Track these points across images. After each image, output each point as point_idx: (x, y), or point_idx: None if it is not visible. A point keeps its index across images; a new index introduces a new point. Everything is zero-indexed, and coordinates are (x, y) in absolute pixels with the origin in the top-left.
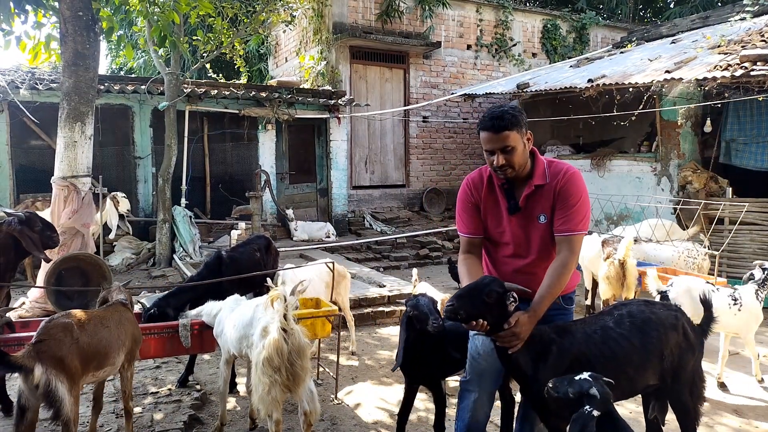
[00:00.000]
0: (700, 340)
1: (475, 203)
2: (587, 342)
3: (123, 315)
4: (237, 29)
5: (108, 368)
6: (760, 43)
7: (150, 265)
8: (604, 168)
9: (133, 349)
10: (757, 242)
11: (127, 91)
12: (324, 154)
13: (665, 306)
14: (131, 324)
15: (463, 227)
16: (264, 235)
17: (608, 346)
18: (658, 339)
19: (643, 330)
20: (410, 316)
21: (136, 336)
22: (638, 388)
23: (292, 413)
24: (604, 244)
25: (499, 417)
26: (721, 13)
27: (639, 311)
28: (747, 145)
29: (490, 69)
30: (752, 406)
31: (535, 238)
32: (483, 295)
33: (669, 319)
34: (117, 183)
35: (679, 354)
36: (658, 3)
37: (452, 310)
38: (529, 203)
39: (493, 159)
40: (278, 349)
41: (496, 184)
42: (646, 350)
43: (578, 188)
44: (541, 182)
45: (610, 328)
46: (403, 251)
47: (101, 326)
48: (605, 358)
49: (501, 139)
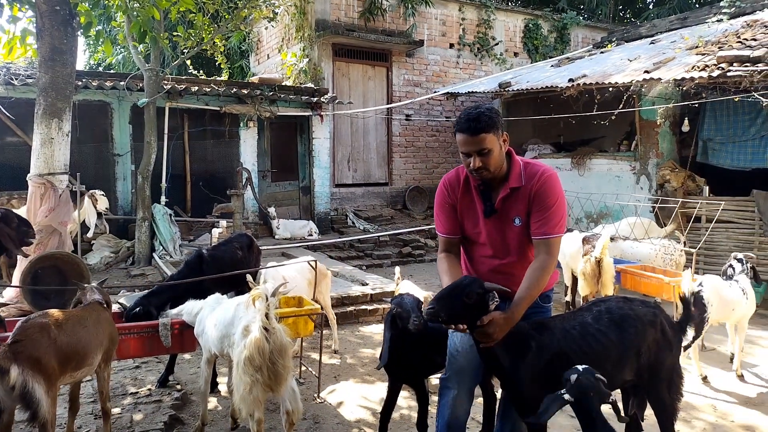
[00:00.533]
0: (678, 337)
1: (452, 204)
2: (566, 338)
3: (101, 315)
4: (218, 25)
5: (86, 369)
6: (737, 45)
7: (129, 264)
8: (585, 167)
9: (110, 348)
10: (733, 240)
11: (106, 87)
12: (306, 152)
13: (643, 303)
14: (109, 324)
15: (441, 227)
16: (246, 234)
17: (586, 342)
18: (635, 335)
19: (621, 326)
20: (394, 314)
21: (114, 336)
22: (616, 383)
23: (274, 412)
24: (585, 241)
25: (481, 413)
26: (699, 14)
27: (617, 308)
28: (723, 144)
29: (473, 68)
30: (729, 401)
31: (512, 240)
32: (463, 296)
33: (647, 316)
34: (95, 180)
35: (656, 350)
36: (637, 4)
37: (433, 312)
38: (504, 206)
39: (470, 161)
40: (260, 348)
41: (472, 185)
42: (624, 346)
43: (554, 191)
44: (517, 185)
45: (589, 324)
46: (385, 249)
47: (79, 326)
48: (583, 354)
49: (477, 141)
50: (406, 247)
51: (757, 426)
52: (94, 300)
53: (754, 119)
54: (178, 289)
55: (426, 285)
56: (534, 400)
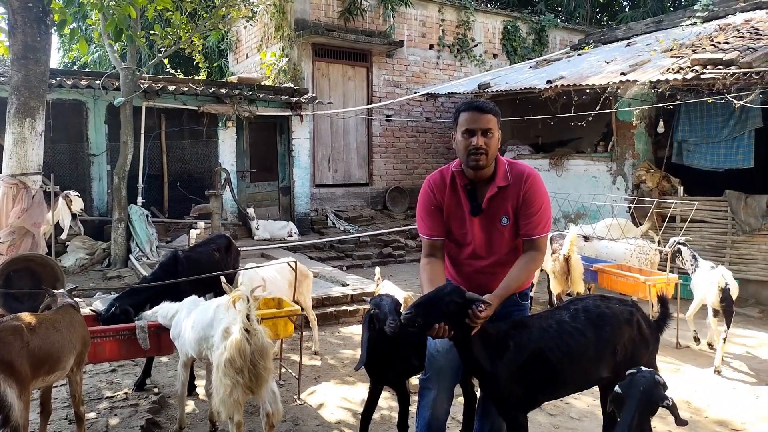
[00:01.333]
0: (655, 335)
1: (438, 205)
2: (543, 336)
3: (74, 318)
4: (196, 24)
5: (58, 372)
6: (710, 48)
7: (105, 266)
8: (562, 167)
9: (82, 352)
10: (707, 239)
11: (81, 86)
12: (286, 152)
13: (620, 301)
14: (81, 327)
15: (425, 229)
16: (224, 235)
17: (563, 340)
18: (611, 333)
19: (598, 324)
20: (371, 314)
21: (86, 339)
22: (592, 380)
23: (254, 415)
24: (552, 240)
25: (461, 413)
26: (673, 17)
27: (594, 306)
28: (698, 145)
29: (452, 69)
30: (703, 396)
31: (497, 240)
32: (442, 305)
33: (623, 314)
34: (70, 181)
35: (632, 348)
36: (613, 7)
37: (410, 318)
38: (491, 205)
39: (472, 140)
40: (241, 350)
41: (459, 185)
42: (600, 344)
43: (541, 193)
44: (504, 183)
45: (566, 322)
46: (366, 250)
47: (53, 329)
48: (560, 352)
49: (485, 120)
50: (387, 247)
51: (730, 421)
52: (66, 303)
53: (727, 121)
54: (153, 291)
55: (406, 285)
56: (513, 397)
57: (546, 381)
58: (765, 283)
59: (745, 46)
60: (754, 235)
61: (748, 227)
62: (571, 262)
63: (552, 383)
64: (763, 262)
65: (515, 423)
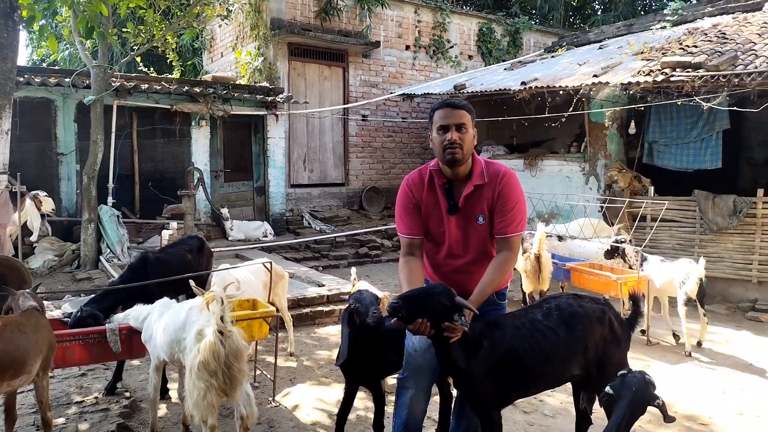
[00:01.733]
0: (626, 333)
1: (416, 204)
2: (516, 335)
3: (39, 321)
4: (170, 22)
5: (24, 377)
6: (679, 51)
7: (74, 268)
8: (536, 168)
9: (48, 356)
10: (676, 238)
11: (50, 84)
12: (261, 152)
13: (593, 299)
14: (47, 330)
15: (404, 228)
16: (197, 235)
17: (535, 339)
18: (583, 332)
19: (570, 323)
20: (351, 309)
21: (52, 343)
22: (564, 378)
23: (228, 418)
24: (522, 240)
25: (437, 412)
26: (644, 21)
27: (567, 304)
28: (668, 146)
29: (429, 70)
30: (672, 392)
31: (474, 239)
32: (429, 303)
33: (595, 313)
34: (38, 181)
35: (604, 346)
36: (586, 10)
37: (396, 308)
38: (468, 203)
39: (447, 136)
40: (215, 352)
41: (436, 183)
42: (572, 343)
43: (517, 191)
44: (480, 182)
45: (539, 321)
46: (342, 250)
47: (18, 333)
48: (533, 351)
49: (458, 115)
50: (363, 247)
51: (698, 416)
52: (30, 306)
53: (696, 122)
54: (123, 294)
55: (383, 285)
56: (487, 395)
57: (519, 379)
58: (732, 280)
59: (713, 49)
60: (722, 234)
61: (716, 226)
62: (541, 261)
63: (525, 381)
64: (730, 260)
65: (489, 420)
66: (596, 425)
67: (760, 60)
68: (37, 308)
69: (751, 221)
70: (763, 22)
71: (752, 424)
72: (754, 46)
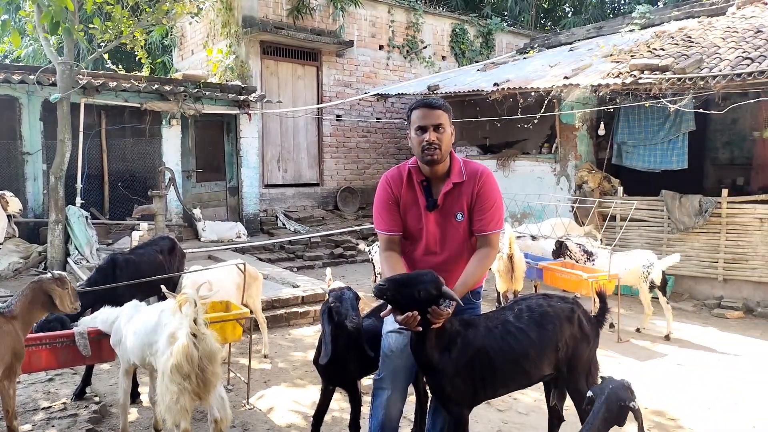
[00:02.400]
0: (595, 331)
1: (395, 200)
2: (488, 336)
3: (2, 327)
4: (138, 19)
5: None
6: (647, 54)
7: (41, 270)
8: (509, 168)
9: (13, 364)
10: (645, 237)
11: (13, 81)
12: (234, 152)
13: (562, 299)
14: (11, 337)
15: (383, 225)
16: (168, 236)
17: (506, 341)
18: (553, 332)
19: (541, 323)
20: (330, 307)
21: (17, 350)
22: (534, 378)
23: (201, 421)
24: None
25: (413, 412)
26: (613, 24)
27: (537, 305)
28: (636, 147)
29: (402, 70)
30: (643, 389)
31: (451, 236)
32: (415, 289)
33: (565, 312)
34: (2, 181)
35: (574, 345)
36: (557, 12)
37: (383, 289)
38: (447, 201)
39: (425, 136)
40: (188, 355)
41: (415, 181)
42: (543, 343)
43: (494, 190)
44: (459, 180)
45: (510, 322)
46: (317, 251)
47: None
48: (503, 352)
49: (435, 116)
50: (338, 248)
51: (665, 411)
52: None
53: (663, 124)
54: (92, 297)
55: (358, 286)
56: (458, 393)
57: (489, 379)
58: (698, 278)
59: (679, 52)
60: (688, 233)
61: (683, 225)
62: (514, 260)
63: (494, 381)
64: (697, 258)
65: (459, 418)
66: (569, 422)
67: (724, 63)
68: (3, 313)
69: (716, 221)
70: (726, 27)
71: (720, 417)
72: (718, 49)
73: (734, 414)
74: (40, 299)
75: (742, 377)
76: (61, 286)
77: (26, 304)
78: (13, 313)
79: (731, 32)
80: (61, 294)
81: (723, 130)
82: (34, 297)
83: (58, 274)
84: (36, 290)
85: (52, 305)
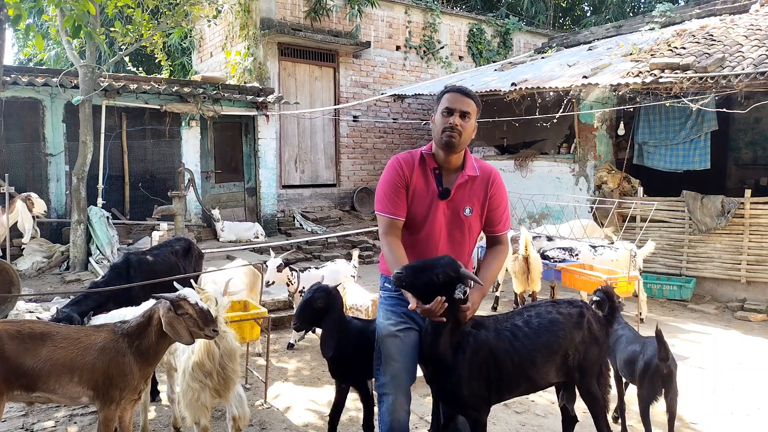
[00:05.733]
0: (605, 331)
1: (405, 183)
2: (498, 338)
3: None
4: (158, 22)
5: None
6: (668, 52)
7: (64, 269)
8: (527, 168)
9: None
10: (665, 238)
11: (37, 84)
12: (252, 153)
13: (570, 303)
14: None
15: (386, 207)
16: (184, 237)
17: (513, 346)
18: (563, 338)
19: (550, 330)
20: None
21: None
22: (540, 385)
23: (219, 419)
24: (512, 240)
25: (428, 414)
26: (633, 23)
27: (546, 312)
28: (657, 147)
29: (419, 70)
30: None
31: (456, 229)
32: (433, 273)
33: (574, 317)
34: (26, 182)
35: (584, 350)
36: (576, 12)
37: (400, 277)
38: (458, 193)
39: (450, 119)
40: (210, 352)
41: (428, 167)
42: (551, 351)
43: (504, 191)
44: (474, 174)
45: (519, 327)
46: (334, 251)
47: (47, 342)
48: (511, 356)
49: (466, 103)
50: (355, 248)
51: (688, 416)
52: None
53: (684, 123)
54: (105, 296)
55: (374, 287)
56: (474, 398)
57: (495, 383)
58: (720, 280)
59: (701, 51)
60: (710, 234)
61: (704, 226)
62: (530, 262)
63: (500, 385)
64: (719, 260)
65: (477, 422)
66: (583, 423)
67: (747, 62)
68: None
69: (739, 222)
70: (749, 24)
71: (743, 423)
72: (741, 47)
73: (756, 419)
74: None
75: (766, 382)
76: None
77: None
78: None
79: (754, 30)
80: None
81: (746, 130)
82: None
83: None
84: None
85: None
